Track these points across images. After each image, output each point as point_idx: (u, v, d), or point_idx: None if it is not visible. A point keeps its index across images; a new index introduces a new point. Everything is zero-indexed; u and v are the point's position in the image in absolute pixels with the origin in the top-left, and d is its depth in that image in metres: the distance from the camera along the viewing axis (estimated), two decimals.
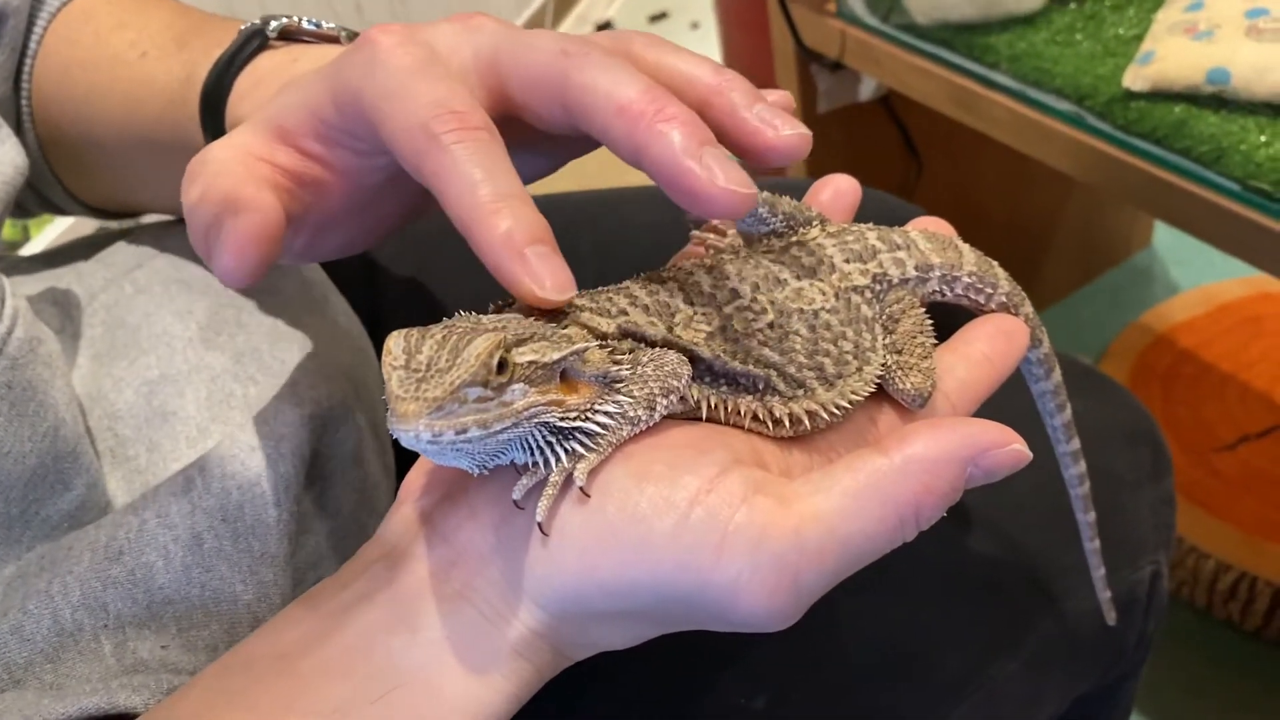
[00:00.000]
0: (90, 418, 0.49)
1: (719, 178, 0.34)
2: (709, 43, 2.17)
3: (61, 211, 0.64)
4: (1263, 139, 0.77)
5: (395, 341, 0.34)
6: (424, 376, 0.33)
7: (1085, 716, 0.69)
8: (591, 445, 0.35)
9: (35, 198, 0.62)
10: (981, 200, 1.43)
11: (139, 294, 0.54)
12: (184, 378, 0.50)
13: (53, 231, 1.67)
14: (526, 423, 0.34)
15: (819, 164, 1.26)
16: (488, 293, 0.39)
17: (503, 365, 0.33)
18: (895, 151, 1.32)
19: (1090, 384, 0.68)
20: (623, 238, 0.70)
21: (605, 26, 2.54)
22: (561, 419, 0.35)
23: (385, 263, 0.70)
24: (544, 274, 0.34)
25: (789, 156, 0.37)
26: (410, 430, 0.32)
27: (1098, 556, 0.56)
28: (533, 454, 0.36)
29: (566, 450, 0.35)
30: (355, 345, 0.58)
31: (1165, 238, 1.67)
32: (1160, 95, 0.83)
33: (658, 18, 2.53)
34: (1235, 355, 1.40)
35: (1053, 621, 0.59)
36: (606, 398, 0.36)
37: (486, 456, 0.35)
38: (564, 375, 0.35)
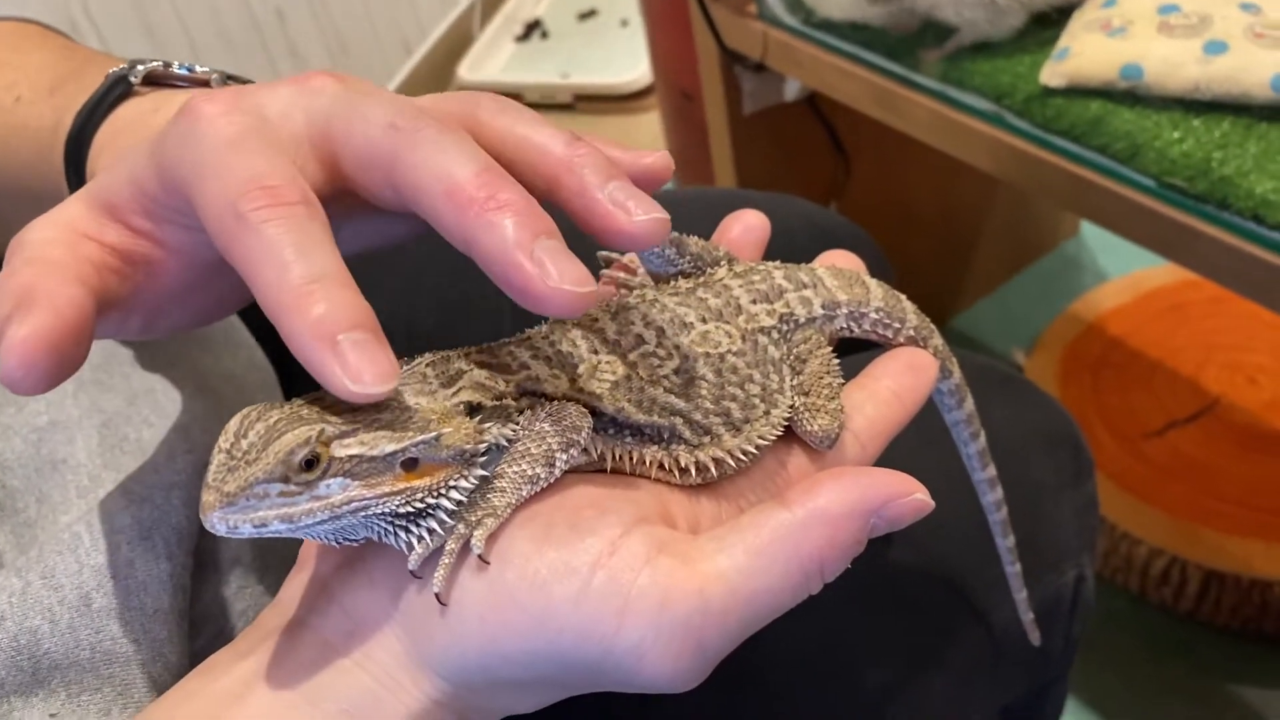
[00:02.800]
0: None
1: (551, 275, 0.31)
2: (638, 40, 2.16)
3: None
4: (1176, 135, 0.78)
5: (235, 420, 0.33)
6: (235, 465, 0.32)
7: None
8: (450, 523, 0.34)
9: None
10: (910, 196, 1.44)
11: None
12: (75, 423, 0.48)
13: None
14: (350, 515, 0.33)
15: (747, 166, 1.26)
16: (412, 329, 0.36)
17: (316, 460, 0.32)
18: (823, 151, 1.32)
19: (1009, 391, 0.68)
20: None
21: (534, 25, 2.51)
22: (405, 505, 0.33)
23: None
24: (360, 365, 0.30)
25: (642, 243, 0.35)
26: (206, 520, 0.31)
27: (1019, 580, 0.56)
28: (382, 538, 0.34)
29: (429, 530, 0.34)
30: (259, 383, 0.56)
31: (1092, 226, 1.68)
32: (1077, 92, 0.84)
33: (587, 15, 2.52)
34: (1162, 341, 1.42)
35: (978, 635, 0.59)
36: (466, 474, 0.34)
37: (332, 537, 0.34)
38: (416, 460, 0.34)
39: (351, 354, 0.30)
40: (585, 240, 0.37)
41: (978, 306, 1.60)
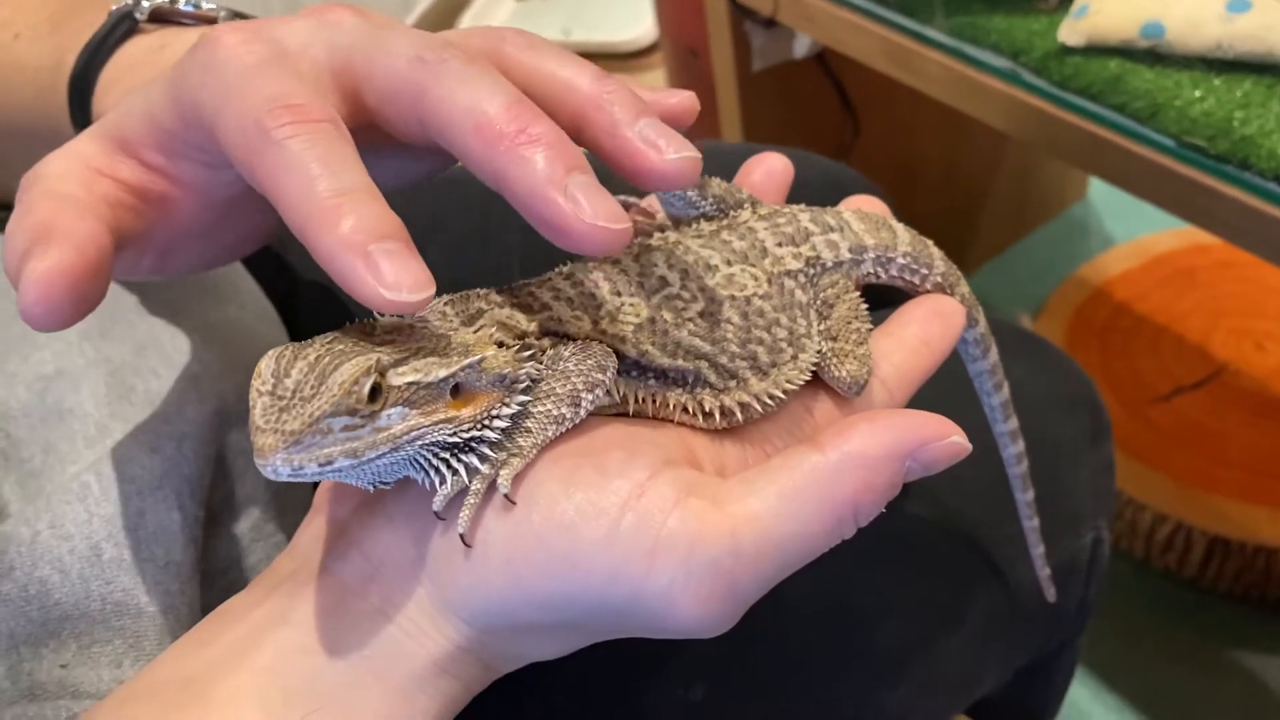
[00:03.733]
0: None
1: (585, 211, 0.31)
2: None
3: None
4: (1197, 94, 0.77)
5: (266, 362, 0.32)
6: (287, 405, 0.30)
7: (1027, 685, 0.69)
8: (493, 455, 0.33)
9: None
10: (918, 156, 1.43)
11: None
12: (80, 372, 0.47)
13: None
14: (409, 446, 0.32)
15: (755, 122, 1.24)
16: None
17: (376, 390, 0.31)
18: (831, 109, 1.30)
19: (1029, 349, 0.68)
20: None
21: None
22: (454, 435, 0.33)
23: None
24: (393, 274, 0.29)
25: (675, 183, 0.34)
26: (268, 464, 0.30)
27: (1037, 535, 0.56)
28: (427, 474, 0.33)
29: (465, 465, 0.33)
30: (266, 332, 0.55)
31: (1100, 190, 1.67)
32: (1096, 50, 0.82)
33: None
34: (1169, 307, 1.41)
35: (993, 595, 0.58)
36: (508, 401, 0.34)
37: (374, 477, 0.33)
38: (459, 388, 0.33)
39: (385, 263, 0.30)
40: (601, 176, 0.36)
41: (984, 270, 1.59)
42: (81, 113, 0.45)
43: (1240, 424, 1.25)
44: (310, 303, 0.63)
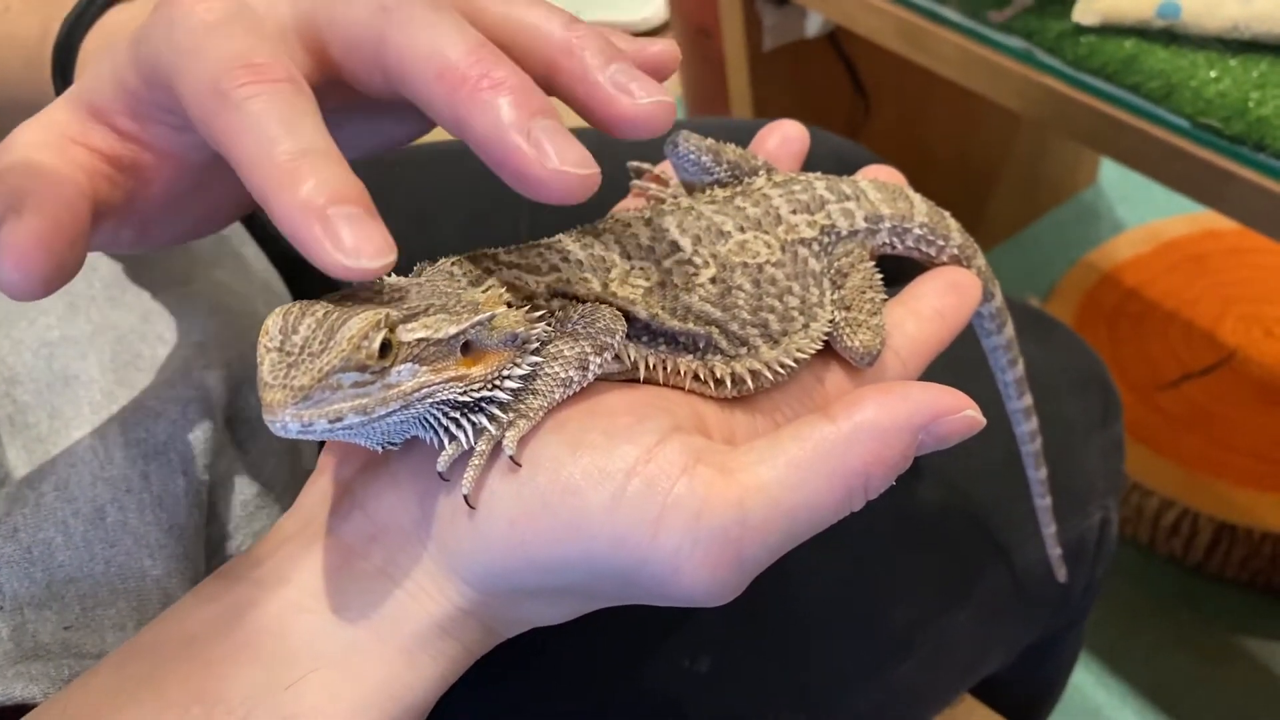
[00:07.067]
0: None
1: (550, 158, 0.29)
2: None
3: None
4: (1212, 74, 0.76)
5: (273, 319, 0.31)
6: (296, 360, 0.30)
7: (1032, 665, 0.69)
8: (503, 416, 0.33)
9: None
10: (929, 139, 1.42)
11: None
12: (87, 339, 0.46)
13: None
14: (419, 404, 0.32)
15: (765, 103, 1.24)
16: (432, 240, 0.35)
17: (386, 346, 0.30)
18: (842, 89, 1.29)
19: (1040, 328, 0.67)
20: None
21: None
22: (464, 394, 0.32)
23: None
24: (352, 240, 0.28)
25: (647, 129, 0.33)
26: (277, 420, 0.30)
27: (1049, 514, 0.56)
28: (436, 433, 0.33)
29: (474, 425, 0.33)
30: (272, 298, 0.55)
31: (1111, 174, 1.67)
32: (1110, 30, 0.82)
33: None
34: (1179, 293, 1.40)
35: (1002, 572, 0.58)
36: (519, 361, 0.33)
37: (383, 437, 0.33)
38: (469, 346, 0.33)
39: (345, 228, 0.28)
40: (612, 144, 0.35)
41: (993, 253, 1.59)
42: (64, 84, 0.44)
43: (1249, 410, 1.25)
44: (315, 268, 0.63)
